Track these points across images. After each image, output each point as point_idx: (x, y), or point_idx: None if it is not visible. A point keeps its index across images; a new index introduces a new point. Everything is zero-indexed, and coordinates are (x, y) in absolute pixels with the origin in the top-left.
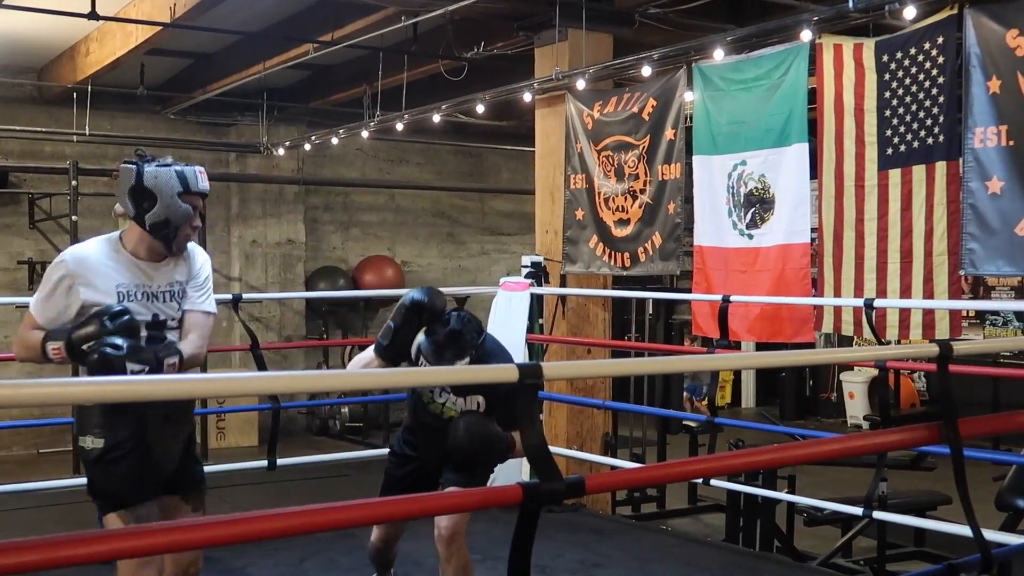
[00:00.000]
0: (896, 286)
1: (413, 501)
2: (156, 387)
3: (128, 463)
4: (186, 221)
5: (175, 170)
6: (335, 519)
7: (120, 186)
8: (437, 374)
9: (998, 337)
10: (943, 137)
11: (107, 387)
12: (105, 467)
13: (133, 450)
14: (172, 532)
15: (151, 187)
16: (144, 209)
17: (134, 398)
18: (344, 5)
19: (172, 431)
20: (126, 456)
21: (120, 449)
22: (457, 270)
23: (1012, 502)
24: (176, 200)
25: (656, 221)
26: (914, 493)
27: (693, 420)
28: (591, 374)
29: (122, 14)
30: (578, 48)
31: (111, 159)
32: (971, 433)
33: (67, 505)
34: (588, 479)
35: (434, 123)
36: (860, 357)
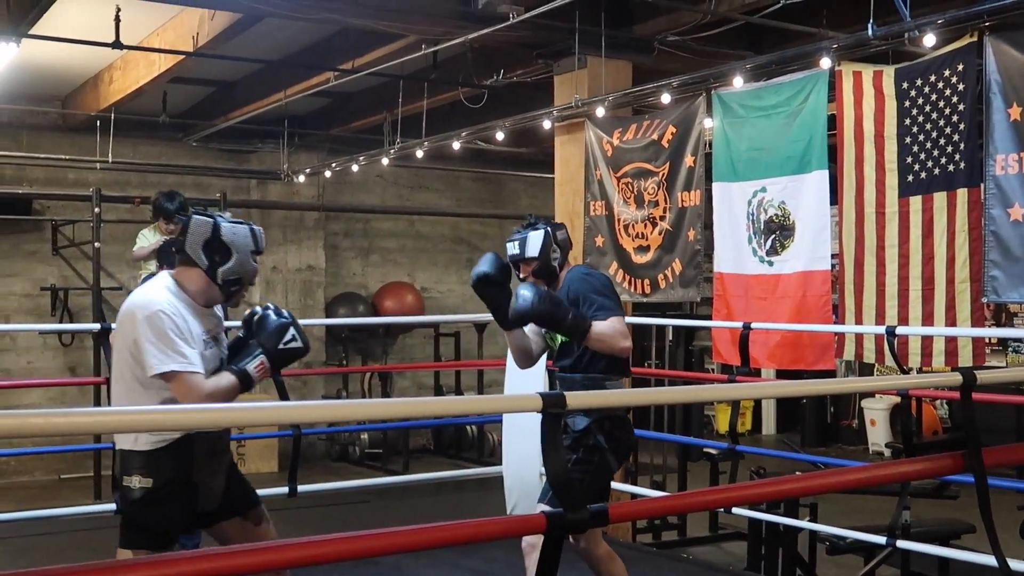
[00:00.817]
0: (918, 313)
1: (438, 530)
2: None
3: (173, 504)
4: (252, 279)
5: (250, 228)
6: (357, 548)
7: (191, 237)
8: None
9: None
10: (964, 164)
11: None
12: (150, 507)
13: (179, 490)
14: (196, 561)
15: (228, 243)
16: (217, 263)
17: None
18: (365, 34)
19: (216, 465)
20: (172, 496)
21: (167, 490)
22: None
23: None
24: (249, 258)
25: (676, 248)
26: (938, 522)
27: (713, 447)
28: (612, 403)
29: (146, 43)
30: (597, 75)
31: (133, 186)
32: (995, 462)
33: (88, 531)
34: (612, 508)
35: (454, 150)
36: (882, 386)
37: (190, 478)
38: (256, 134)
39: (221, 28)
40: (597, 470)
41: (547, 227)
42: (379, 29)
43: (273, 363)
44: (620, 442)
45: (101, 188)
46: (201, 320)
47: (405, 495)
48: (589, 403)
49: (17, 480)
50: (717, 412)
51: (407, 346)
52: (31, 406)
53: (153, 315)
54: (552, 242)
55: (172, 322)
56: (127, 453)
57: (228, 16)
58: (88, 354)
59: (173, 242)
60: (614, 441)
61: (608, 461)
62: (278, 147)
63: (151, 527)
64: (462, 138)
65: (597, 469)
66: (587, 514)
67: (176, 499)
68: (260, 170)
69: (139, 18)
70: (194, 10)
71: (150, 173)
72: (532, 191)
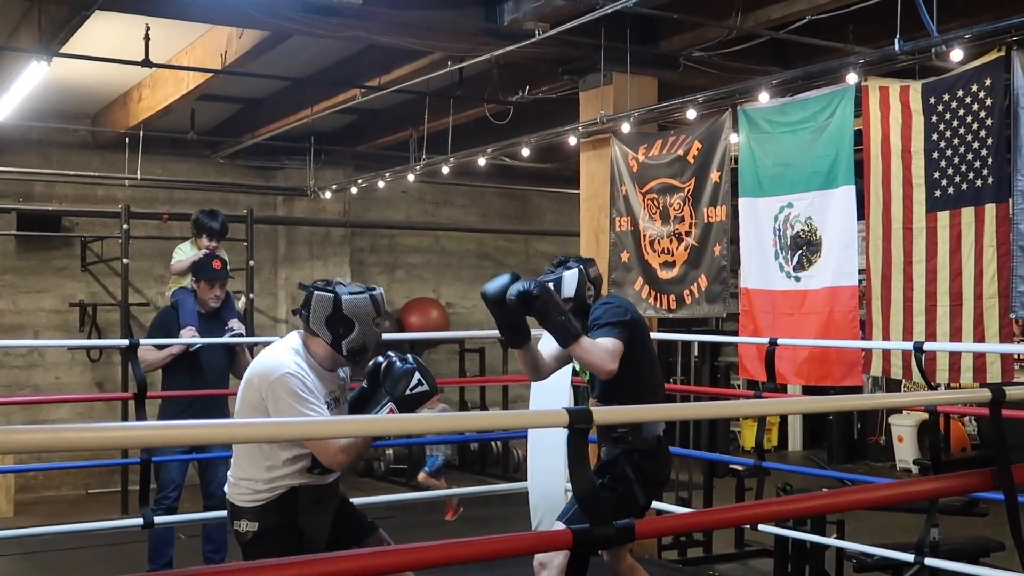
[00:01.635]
0: (946, 329)
1: (464, 546)
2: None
3: (277, 548)
4: (377, 343)
5: (370, 296)
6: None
7: (314, 314)
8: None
9: None
10: (992, 179)
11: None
12: (256, 550)
13: (283, 537)
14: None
15: (350, 315)
16: (341, 335)
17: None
18: (391, 51)
19: (322, 510)
20: (276, 542)
21: (270, 535)
22: None
23: None
24: (371, 326)
25: (702, 263)
26: (966, 539)
27: (739, 464)
28: (639, 418)
29: (174, 61)
30: (623, 91)
31: (162, 202)
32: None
33: (115, 546)
34: (638, 524)
35: (479, 166)
36: (910, 403)
37: (294, 525)
38: (283, 151)
39: (249, 46)
40: (621, 500)
41: (580, 265)
42: (405, 46)
43: (401, 410)
44: (648, 475)
45: (129, 205)
46: (324, 382)
47: (430, 511)
48: (616, 418)
49: (45, 495)
50: (743, 428)
51: (432, 362)
52: (59, 421)
53: (284, 376)
54: (587, 280)
55: (301, 383)
56: (236, 507)
57: (256, 34)
58: (116, 369)
59: (210, 256)
60: (642, 474)
61: (634, 493)
62: (304, 164)
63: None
64: (487, 154)
65: (621, 499)
66: (613, 530)
67: (280, 542)
68: (287, 186)
69: (168, 36)
70: (223, 28)
71: (178, 190)
72: (557, 207)
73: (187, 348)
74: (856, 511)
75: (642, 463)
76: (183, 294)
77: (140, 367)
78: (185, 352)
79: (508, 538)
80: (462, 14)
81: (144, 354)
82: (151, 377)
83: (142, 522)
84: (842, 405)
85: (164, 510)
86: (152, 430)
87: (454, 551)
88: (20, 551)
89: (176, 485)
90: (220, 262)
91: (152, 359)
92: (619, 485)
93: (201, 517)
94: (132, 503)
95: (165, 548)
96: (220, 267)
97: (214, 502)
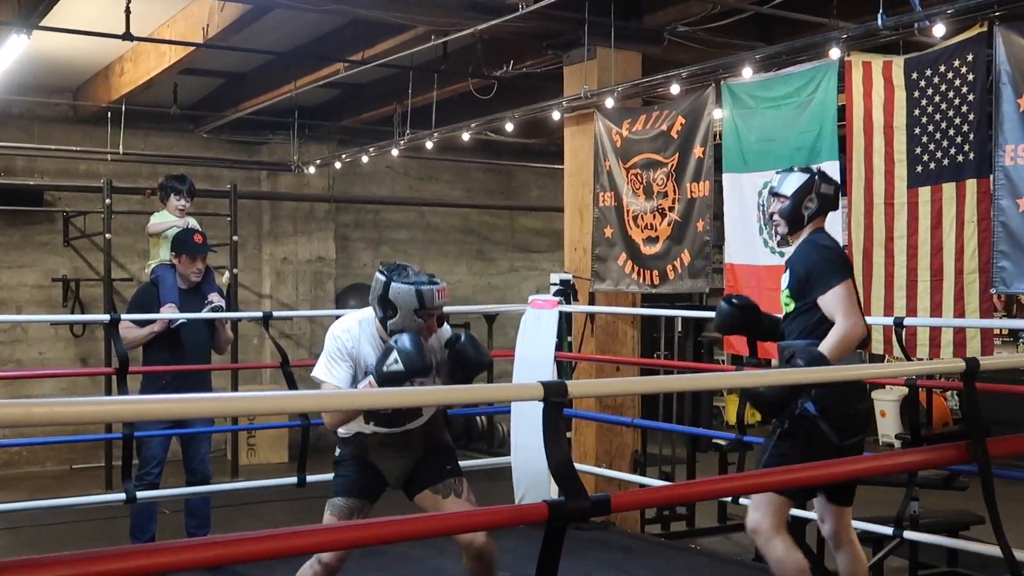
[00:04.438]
0: (926, 304)
1: (438, 519)
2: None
3: (347, 470)
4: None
5: (416, 290)
6: (364, 536)
7: (372, 291)
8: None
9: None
10: (973, 155)
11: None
12: (335, 468)
13: (353, 463)
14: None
15: (394, 300)
16: (388, 316)
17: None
18: (374, 25)
19: (391, 454)
20: (348, 465)
21: (344, 460)
22: (486, 287)
23: None
24: (412, 316)
25: (685, 239)
26: (946, 513)
27: (722, 438)
28: (615, 392)
29: (156, 35)
30: (607, 66)
31: (144, 177)
32: (1002, 452)
33: (100, 520)
34: (614, 497)
35: (464, 141)
36: (886, 373)
37: (366, 458)
38: (266, 125)
39: (231, 19)
40: (806, 442)
41: (814, 175)
42: (389, 20)
43: (380, 384)
44: (837, 409)
45: (112, 179)
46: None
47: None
48: (589, 391)
49: (29, 470)
50: (727, 403)
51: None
52: (42, 396)
53: (329, 335)
54: (811, 190)
55: (339, 344)
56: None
57: (238, 7)
58: (99, 345)
59: (190, 230)
60: (826, 410)
61: (822, 431)
62: (288, 138)
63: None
64: (472, 129)
65: (806, 441)
66: (588, 502)
67: (351, 467)
68: (271, 161)
69: (149, 9)
70: (204, 1)
71: (161, 164)
72: (542, 182)
73: (168, 324)
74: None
75: (823, 397)
76: (163, 270)
77: (122, 343)
78: (166, 328)
79: (485, 511)
80: None
81: (125, 332)
82: (133, 352)
83: (124, 497)
84: (819, 376)
85: (146, 486)
86: (121, 405)
87: (434, 524)
88: (4, 526)
89: (158, 461)
90: (201, 236)
91: (133, 336)
92: (800, 427)
93: (184, 492)
94: (116, 478)
95: (147, 523)
96: (202, 241)
97: (197, 477)
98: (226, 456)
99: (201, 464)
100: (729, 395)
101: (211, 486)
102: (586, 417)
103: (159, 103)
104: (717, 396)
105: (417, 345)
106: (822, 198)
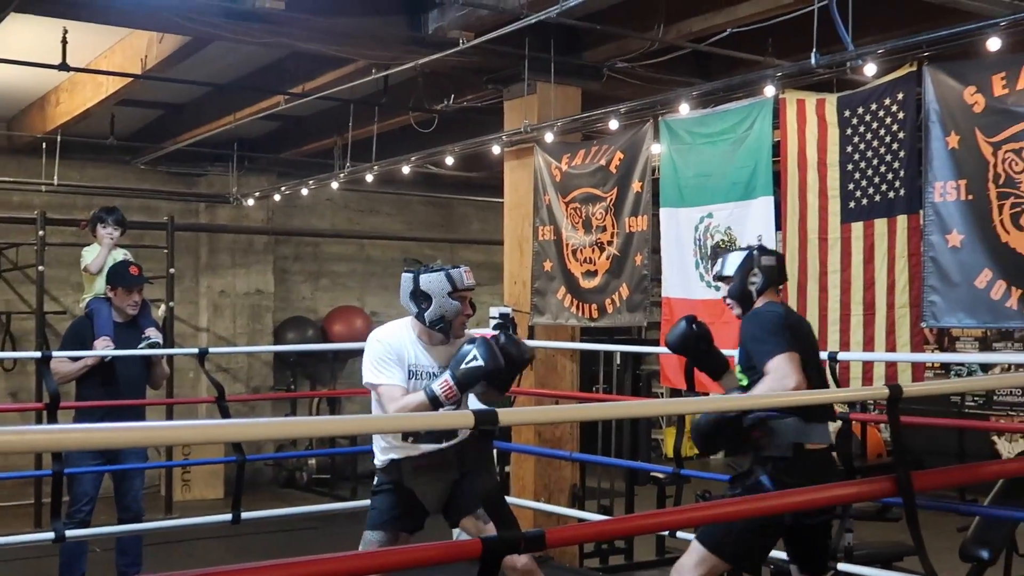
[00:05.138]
0: (859, 338)
1: (376, 556)
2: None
3: (385, 499)
4: (457, 315)
5: (444, 273)
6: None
7: (402, 293)
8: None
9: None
10: (904, 191)
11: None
12: (372, 498)
13: (392, 491)
14: None
15: (426, 290)
16: (423, 308)
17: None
18: (315, 57)
19: (428, 478)
20: (384, 496)
21: (381, 489)
22: None
23: (975, 553)
24: (447, 299)
25: (623, 273)
26: (881, 544)
27: (660, 471)
28: (545, 419)
29: (93, 65)
30: (547, 101)
31: (80, 209)
32: (928, 485)
33: (29, 560)
34: (549, 532)
35: (404, 174)
36: (812, 400)
37: (402, 485)
38: (205, 157)
39: (170, 51)
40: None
41: (752, 250)
42: (329, 53)
43: (457, 383)
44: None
45: (46, 211)
46: (432, 355)
47: (352, 522)
48: (520, 419)
49: None
50: (665, 436)
51: (356, 370)
52: None
53: (370, 340)
54: (752, 265)
55: (384, 348)
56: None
57: (177, 39)
58: (31, 379)
59: (126, 263)
60: (783, 486)
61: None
62: (227, 170)
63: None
64: (412, 162)
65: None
66: (521, 536)
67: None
68: (209, 193)
69: (87, 40)
70: (143, 33)
71: (97, 196)
72: (483, 215)
73: (102, 359)
74: None
75: (784, 475)
76: (97, 303)
77: (52, 379)
78: (100, 363)
79: (418, 548)
80: (386, 22)
81: (57, 366)
82: (66, 387)
83: (53, 536)
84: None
85: (77, 523)
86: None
87: (363, 562)
88: None
89: (90, 498)
90: (137, 268)
91: (66, 371)
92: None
93: (116, 530)
94: (47, 516)
95: (77, 562)
96: (138, 273)
97: (129, 515)
98: (160, 492)
99: (134, 501)
100: (667, 428)
101: (144, 524)
102: (524, 451)
103: (96, 134)
104: (655, 429)
105: (492, 348)
106: (765, 271)
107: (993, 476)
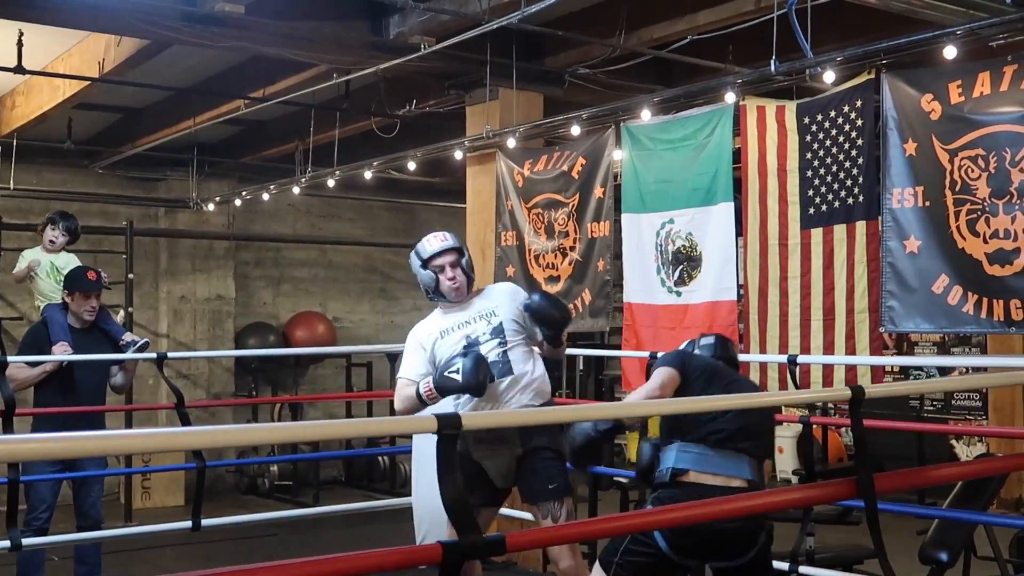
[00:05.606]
0: (819, 343)
1: (333, 562)
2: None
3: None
4: (432, 283)
5: (415, 250)
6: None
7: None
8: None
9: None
10: (863, 197)
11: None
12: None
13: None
14: None
15: (416, 276)
16: (427, 293)
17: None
18: (276, 62)
19: (487, 451)
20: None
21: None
22: (389, 326)
23: (935, 555)
24: (421, 271)
25: (586, 278)
26: (842, 547)
27: (624, 476)
28: (507, 423)
29: (50, 68)
30: (509, 107)
31: (36, 214)
32: (889, 487)
33: None
34: (509, 537)
35: (366, 179)
36: (775, 401)
37: (470, 455)
38: (165, 162)
39: (128, 54)
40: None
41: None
42: (290, 58)
43: (436, 388)
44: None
45: (2, 215)
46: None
47: (315, 528)
48: (482, 423)
49: None
50: (628, 440)
51: (318, 376)
52: None
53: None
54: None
55: (410, 341)
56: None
57: (135, 42)
58: None
59: (83, 268)
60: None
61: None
62: (187, 175)
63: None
64: (374, 167)
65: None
66: (483, 541)
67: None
68: (169, 198)
69: (43, 42)
70: (100, 36)
71: (54, 200)
72: (445, 220)
73: (60, 365)
74: None
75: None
76: (53, 309)
77: (7, 385)
78: (58, 369)
79: (378, 553)
80: (347, 27)
81: (15, 372)
82: (24, 395)
83: (9, 544)
84: (706, 406)
85: (35, 531)
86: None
87: (322, 568)
88: None
89: (48, 505)
90: (94, 273)
91: (23, 377)
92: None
93: (74, 538)
94: (3, 524)
95: (34, 571)
96: (95, 278)
97: (88, 522)
98: (119, 499)
99: (92, 508)
100: (631, 433)
101: (102, 531)
102: None
103: (53, 138)
104: (620, 434)
105: (478, 365)
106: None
107: (952, 479)
